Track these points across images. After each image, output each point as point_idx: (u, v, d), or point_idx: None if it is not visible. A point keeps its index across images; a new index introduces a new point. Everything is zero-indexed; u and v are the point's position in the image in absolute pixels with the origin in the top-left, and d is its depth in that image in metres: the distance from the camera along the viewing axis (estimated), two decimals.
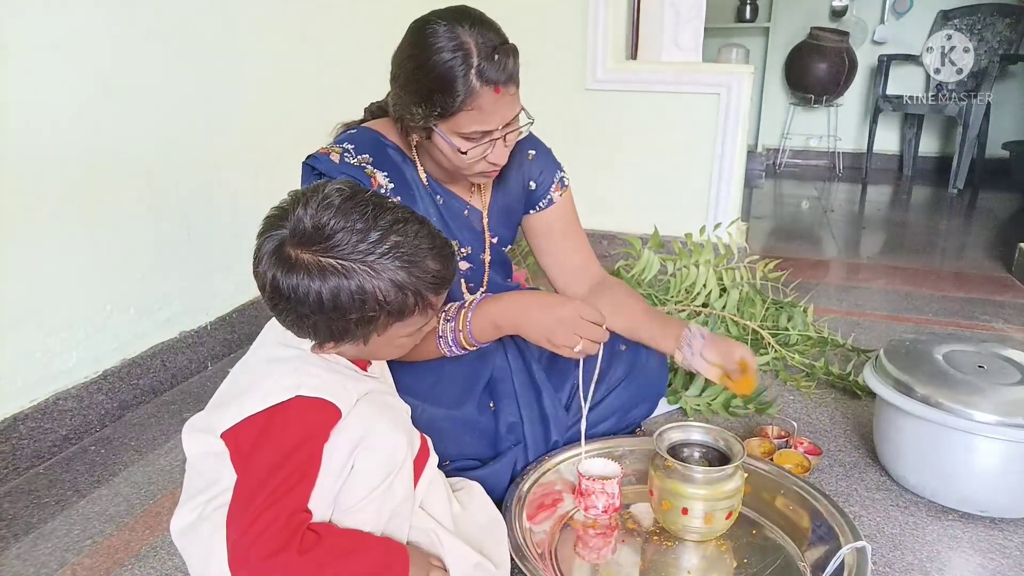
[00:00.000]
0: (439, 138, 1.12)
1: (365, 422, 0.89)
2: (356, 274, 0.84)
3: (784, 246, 3.19)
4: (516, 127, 1.15)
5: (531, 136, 1.37)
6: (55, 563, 1.18)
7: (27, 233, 1.42)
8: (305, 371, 0.89)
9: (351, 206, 0.85)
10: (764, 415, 1.63)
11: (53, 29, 1.42)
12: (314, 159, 1.18)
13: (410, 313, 0.89)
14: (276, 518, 0.81)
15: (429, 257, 0.88)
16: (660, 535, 1.19)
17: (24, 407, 1.45)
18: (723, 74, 2.62)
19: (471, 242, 1.32)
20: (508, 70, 1.07)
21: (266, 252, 0.85)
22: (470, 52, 1.04)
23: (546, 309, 1.16)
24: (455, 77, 1.04)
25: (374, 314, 0.86)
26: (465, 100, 1.06)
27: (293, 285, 0.83)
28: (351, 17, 2.31)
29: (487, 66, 1.05)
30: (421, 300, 0.89)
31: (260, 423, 0.86)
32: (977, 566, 1.16)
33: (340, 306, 0.84)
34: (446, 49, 1.04)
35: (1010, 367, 1.31)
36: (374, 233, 0.84)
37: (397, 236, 0.86)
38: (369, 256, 0.84)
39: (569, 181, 1.41)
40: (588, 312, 1.15)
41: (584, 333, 1.14)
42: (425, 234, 0.89)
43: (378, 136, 1.24)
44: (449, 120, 1.09)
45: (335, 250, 0.83)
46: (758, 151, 5.12)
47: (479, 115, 1.08)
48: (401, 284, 0.86)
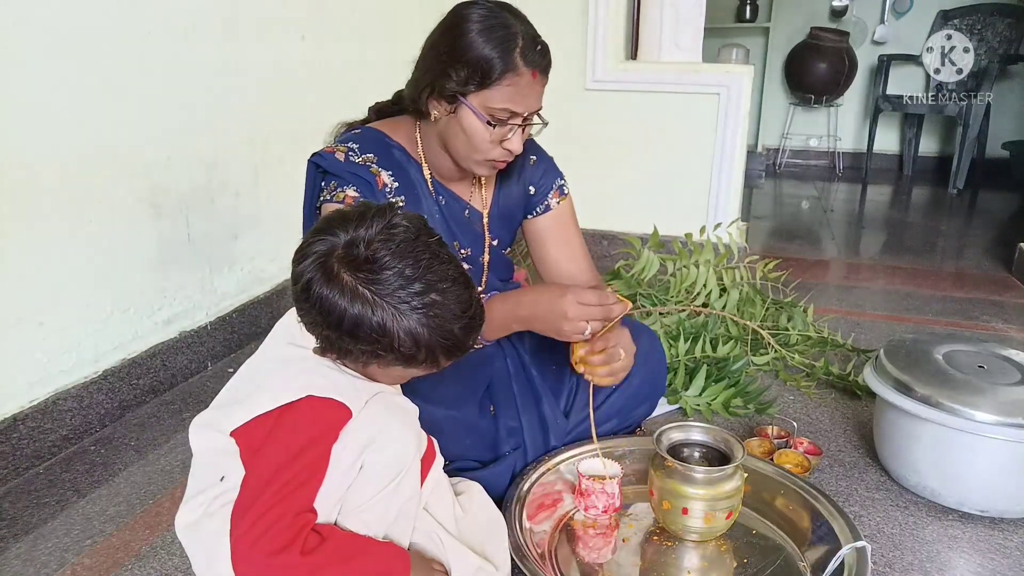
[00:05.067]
0: (466, 111, 1.14)
1: (375, 423, 0.90)
2: (382, 311, 0.84)
3: (784, 246, 3.19)
4: (534, 122, 1.19)
5: (533, 143, 1.39)
6: (55, 563, 1.18)
7: (27, 233, 1.42)
8: (316, 371, 0.89)
9: (409, 249, 0.86)
10: (764, 415, 1.63)
11: (53, 29, 1.42)
12: (319, 157, 1.19)
13: (416, 364, 0.90)
14: (281, 517, 0.81)
15: (457, 324, 0.89)
16: (660, 535, 1.19)
17: (24, 407, 1.45)
18: (723, 74, 2.62)
19: (471, 243, 1.32)
20: (546, 61, 1.16)
21: (314, 253, 0.86)
22: (516, 34, 1.12)
23: (547, 305, 1.17)
24: (503, 51, 1.10)
25: (383, 353, 0.87)
26: (506, 73, 1.11)
27: (324, 296, 0.84)
28: (351, 17, 2.30)
29: (530, 51, 1.12)
30: (431, 358, 0.90)
31: (270, 422, 0.87)
32: (977, 566, 1.16)
33: (356, 334, 0.85)
34: (493, 26, 1.11)
35: (1010, 367, 1.31)
36: (418, 284, 0.85)
37: (437, 295, 0.86)
38: (403, 305, 0.85)
39: (569, 190, 1.41)
40: (585, 296, 1.16)
41: (588, 316, 1.15)
42: (464, 299, 0.89)
43: (383, 136, 1.25)
44: (484, 92, 1.12)
45: (375, 285, 0.84)
46: (758, 151, 5.12)
47: (514, 93, 1.12)
48: (418, 338, 0.86)
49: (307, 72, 2.15)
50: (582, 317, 1.15)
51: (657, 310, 1.99)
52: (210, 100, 1.83)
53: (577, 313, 1.14)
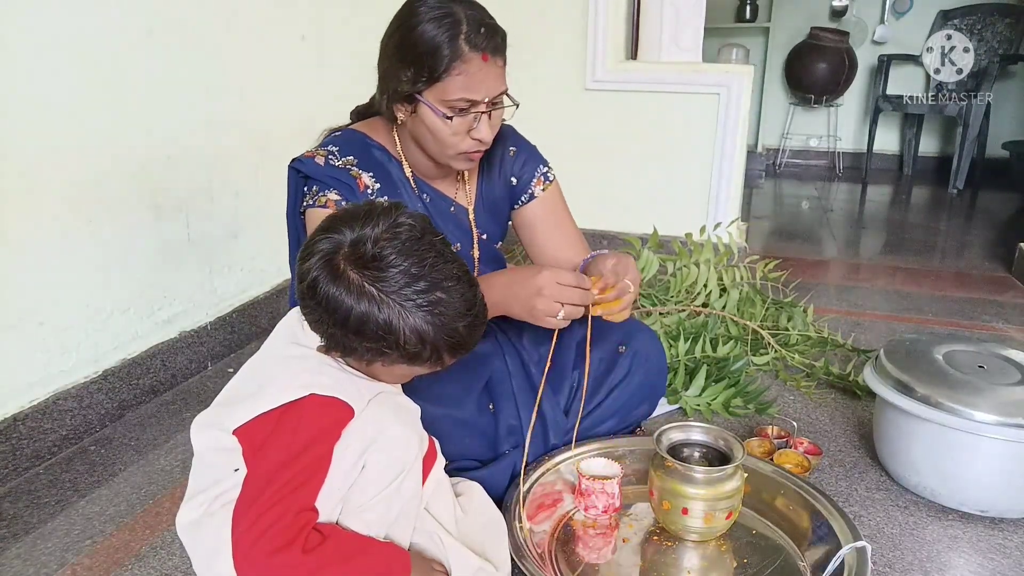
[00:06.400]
0: (425, 109, 1.13)
1: (378, 423, 0.90)
2: (388, 309, 0.85)
3: (784, 246, 3.19)
4: (502, 105, 1.17)
5: (513, 133, 1.38)
6: (55, 563, 1.18)
7: (27, 233, 1.42)
8: (319, 370, 0.90)
9: (415, 248, 0.87)
10: (764, 415, 1.63)
11: (53, 29, 1.42)
12: (299, 162, 1.19)
13: (421, 362, 0.91)
14: (282, 515, 0.81)
15: (462, 322, 0.89)
16: (660, 535, 1.19)
17: (24, 407, 1.45)
18: (723, 74, 2.62)
19: (459, 238, 1.32)
20: (495, 41, 1.12)
21: (319, 251, 0.86)
22: (459, 20, 1.09)
23: (521, 283, 1.14)
24: (444, 40, 1.08)
25: (388, 351, 0.88)
26: (453, 63, 1.09)
27: (330, 294, 0.85)
28: (351, 17, 2.30)
29: (476, 34, 1.09)
30: (436, 356, 0.90)
31: (273, 420, 0.87)
32: (977, 566, 1.16)
33: (362, 332, 0.86)
34: (436, 16, 1.09)
35: (1010, 367, 1.31)
36: (423, 282, 0.86)
37: (442, 293, 0.87)
38: (408, 302, 0.85)
39: (555, 176, 1.40)
40: (564, 276, 1.12)
41: (564, 298, 1.12)
42: (468, 298, 0.90)
43: (363, 137, 1.25)
44: (436, 86, 1.10)
45: (381, 283, 0.85)
46: (758, 151, 5.12)
47: (466, 81, 1.10)
48: (423, 336, 0.87)
49: (307, 72, 2.15)
50: (557, 297, 1.11)
51: (657, 310, 1.99)
52: (210, 100, 1.83)
53: (552, 292, 1.11)
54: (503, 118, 1.22)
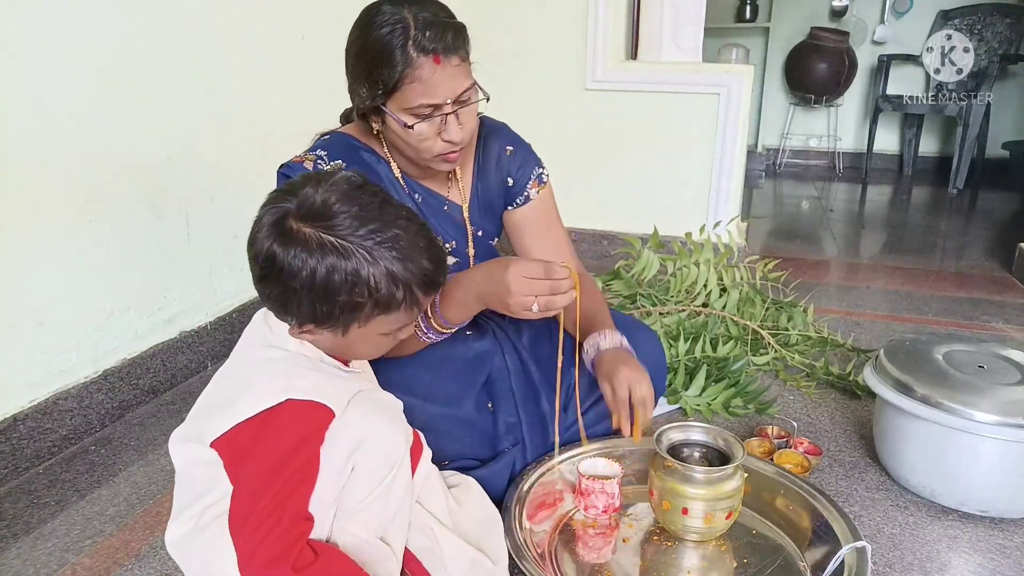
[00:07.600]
0: (391, 120, 1.12)
1: (362, 423, 0.89)
2: (354, 257, 0.84)
3: (784, 246, 3.19)
4: (469, 103, 1.14)
5: (509, 131, 1.38)
6: (55, 563, 1.18)
7: (27, 233, 1.42)
8: (294, 372, 0.88)
9: (359, 194, 0.87)
10: (764, 415, 1.63)
11: (53, 29, 1.42)
12: (288, 167, 1.19)
13: (396, 307, 0.89)
14: (279, 522, 0.81)
15: (424, 257, 0.89)
16: (660, 535, 1.19)
17: (24, 407, 1.45)
18: (723, 74, 2.62)
19: (454, 236, 1.32)
20: (446, 40, 1.07)
21: (267, 223, 0.86)
22: (408, 25, 1.06)
23: (493, 280, 1.11)
24: (392, 49, 1.06)
25: (362, 300, 0.86)
26: (404, 72, 1.06)
27: (289, 257, 0.84)
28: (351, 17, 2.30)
29: (423, 37, 1.05)
30: (410, 296, 0.89)
31: (253, 428, 0.85)
32: (977, 566, 1.16)
33: (331, 286, 0.84)
34: (386, 24, 1.06)
35: (1010, 367, 1.31)
36: (375, 223, 0.85)
37: (397, 230, 0.87)
38: (367, 241, 0.85)
39: (548, 177, 1.40)
40: (530, 269, 1.10)
41: (534, 291, 1.09)
42: (424, 235, 0.90)
43: (351, 140, 1.25)
44: (394, 96, 1.09)
45: (337, 230, 0.84)
46: (758, 151, 5.12)
47: (422, 87, 1.08)
48: (394, 276, 0.86)
49: (307, 72, 2.15)
50: (527, 292, 1.09)
51: (657, 310, 1.99)
52: (210, 100, 1.83)
53: (521, 288, 1.08)
54: (479, 110, 1.19)
